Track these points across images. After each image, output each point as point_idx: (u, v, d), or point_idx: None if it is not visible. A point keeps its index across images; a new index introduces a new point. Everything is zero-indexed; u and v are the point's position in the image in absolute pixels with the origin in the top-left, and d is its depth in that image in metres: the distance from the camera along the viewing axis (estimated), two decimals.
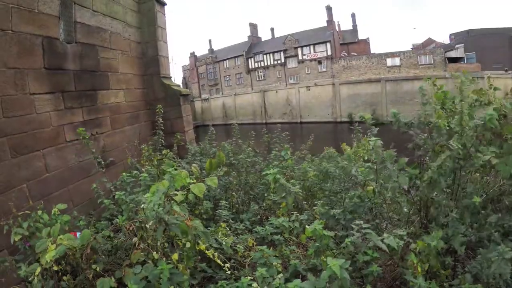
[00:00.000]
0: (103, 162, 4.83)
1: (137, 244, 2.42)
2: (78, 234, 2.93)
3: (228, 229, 3.30)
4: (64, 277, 2.37)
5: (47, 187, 4.68)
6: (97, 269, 2.35)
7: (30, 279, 2.33)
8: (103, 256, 2.62)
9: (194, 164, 3.80)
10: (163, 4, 8.28)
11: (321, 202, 3.29)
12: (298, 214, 2.96)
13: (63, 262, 2.37)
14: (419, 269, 2.22)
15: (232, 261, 2.90)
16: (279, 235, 3.07)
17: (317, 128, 40.30)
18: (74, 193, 5.20)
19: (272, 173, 2.98)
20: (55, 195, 4.78)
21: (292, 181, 4.00)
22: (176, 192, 2.43)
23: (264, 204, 4.52)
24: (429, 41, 52.04)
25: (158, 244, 2.32)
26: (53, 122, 5.02)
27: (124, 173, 4.10)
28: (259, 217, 4.28)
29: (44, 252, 2.28)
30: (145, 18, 7.90)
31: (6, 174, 4.03)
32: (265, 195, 4.58)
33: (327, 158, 6.33)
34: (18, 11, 4.41)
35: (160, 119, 6.06)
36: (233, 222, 3.77)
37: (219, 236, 2.97)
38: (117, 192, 3.16)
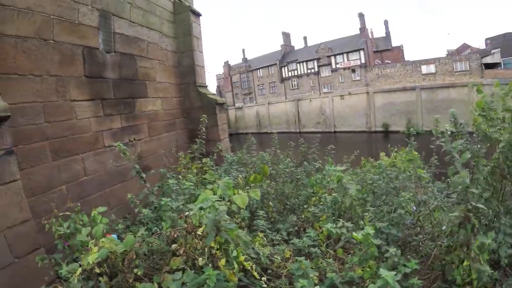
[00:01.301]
0: (141, 169, 4.85)
1: (182, 252, 2.45)
2: (113, 235, 3.07)
3: (265, 239, 3.26)
4: (101, 278, 2.40)
5: (85, 190, 4.77)
6: (138, 273, 2.38)
7: (68, 276, 2.37)
8: (142, 261, 2.64)
9: (239, 175, 4.02)
10: (198, 14, 8.39)
11: (372, 208, 3.37)
12: (344, 222, 2.90)
13: (104, 265, 2.41)
14: (481, 259, 2.19)
15: (268, 271, 2.87)
16: (316, 248, 3.05)
17: (351, 138, 39.79)
18: (111, 196, 5.26)
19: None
20: (93, 197, 4.86)
21: (334, 194, 3.94)
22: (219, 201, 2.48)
23: (302, 216, 4.39)
24: (464, 46, 49.55)
25: (206, 250, 2.32)
26: (93, 128, 5.15)
27: (170, 181, 4.08)
28: (296, 228, 4.17)
29: (86, 253, 2.36)
30: (181, 28, 8.04)
31: (46, 175, 4.16)
32: (304, 206, 4.46)
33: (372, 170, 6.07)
34: (59, 22, 4.58)
35: (203, 128, 6.08)
36: (269, 232, 3.69)
37: (256, 246, 2.95)
38: (163, 199, 3.16)
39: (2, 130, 3.08)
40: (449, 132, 2.67)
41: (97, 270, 2.32)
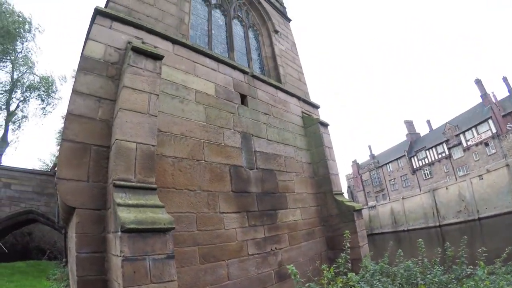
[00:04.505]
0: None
1: None
2: None
3: None
4: None
5: None
6: None
7: None
8: None
9: None
10: (326, 125, 8.96)
11: None
12: None
13: None
14: None
15: None
16: None
17: (499, 222, 31.92)
18: None
19: None
20: None
21: None
22: None
23: None
24: None
25: None
26: (238, 237, 5.61)
27: None
28: None
29: None
30: (312, 140, 8.66)
31: (193, 276, 4.58)
32: None
33: None
34: (209, 145, 5.68)
35: (348, 244, 5.98)
36: None
37: None
38: None
39: (166, 238, 3.69)
40: None
41: None
